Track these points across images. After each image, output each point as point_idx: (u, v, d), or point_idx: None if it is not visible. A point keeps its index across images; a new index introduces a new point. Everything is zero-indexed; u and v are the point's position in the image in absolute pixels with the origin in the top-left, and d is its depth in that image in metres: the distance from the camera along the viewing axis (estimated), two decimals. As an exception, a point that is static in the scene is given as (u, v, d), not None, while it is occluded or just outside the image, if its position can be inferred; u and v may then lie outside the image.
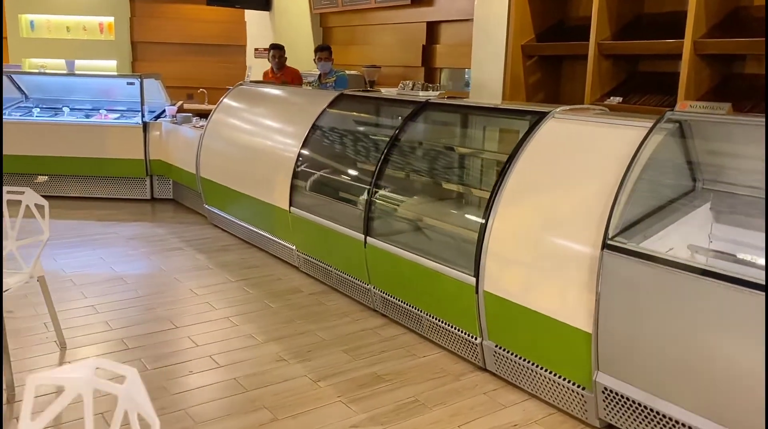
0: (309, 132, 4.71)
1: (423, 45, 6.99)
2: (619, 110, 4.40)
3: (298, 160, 4.68)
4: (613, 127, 2.89)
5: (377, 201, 3.92)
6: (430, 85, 4.28)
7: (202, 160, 5.89)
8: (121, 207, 6.56)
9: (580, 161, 2.90)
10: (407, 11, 7.11)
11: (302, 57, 8.01)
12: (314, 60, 6.42)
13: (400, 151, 4.00)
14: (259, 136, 5.27)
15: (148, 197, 6.88)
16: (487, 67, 5.39)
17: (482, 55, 5.44)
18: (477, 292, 3.13)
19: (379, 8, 7.42)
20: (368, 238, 3.87)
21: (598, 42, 4.65)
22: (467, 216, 3.60)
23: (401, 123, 4.01)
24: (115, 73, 8.20)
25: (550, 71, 5.40)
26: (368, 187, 3.93)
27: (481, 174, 3.84)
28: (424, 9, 6.92)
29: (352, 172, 4.37)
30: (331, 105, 4.77)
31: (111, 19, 9.11)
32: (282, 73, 6.83)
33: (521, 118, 3.43)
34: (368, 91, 4.76)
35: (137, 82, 6.71)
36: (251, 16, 9.01)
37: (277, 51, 6.81)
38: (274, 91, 5.70)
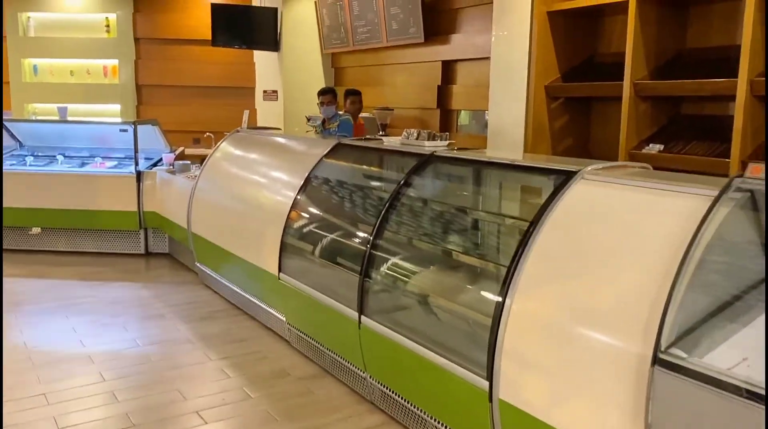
0: (302, 186, 4.15)
1: (438, 86, 6.44)
2: (663, 163, 3.76)
3: (289, 217, 4.10)
4: (663, 194, 2.25)
5: (374, 270, 3.31)
6: (438, 134, 3.69)
7: (194, 214, 5.37)
8: (112, 263, 6.05)
9: (618, 238, 2.26)
10: (421, 50, 6.59)
11: (313, 101, 7.53)
12: (318, 104, 5.91)
13: (402, 211, 3.40)
14: (250, 189, 4.73)
15: (142, 252, 6.37)
16: (507, 111, 4.79)
17: (501, 97, 4.86)
18: (491, 399, 2.48)
19: (392, 47, 6.92)
20: (363, 316, 3.24)
21: (634, 82, 4.03)
22: (479, 297, 2.96)
23: (404, 178, 3.42)
24: (109, 119, 7.82)
25: (578, 115, 4.79)
26: (364, 252, 3.32)
27: (496, 244, 3.21)
28: (439, 47, 6.39)
29: (347, 233, 3.78)
30: (328, 155, 4.22)
31: (115, 62, 8.79)
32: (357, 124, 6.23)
33: (544, 176, 2.81)
34: (368, 139, 4.20)
35: (130, 128, 6.26)
36: (260, 57, 8.61)
37: (357, 97, 6.23)
38: (270, 138, 5.18)
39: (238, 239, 4.68)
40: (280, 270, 4.04)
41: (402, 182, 3.36)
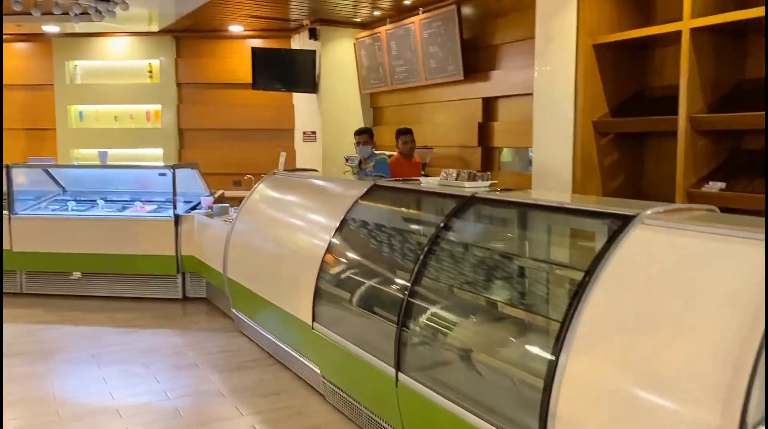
0: (337, 229, 3.97)
1: (479, 123, 6.26)
2: (726, 203, 3.45)
3: (323, 262, 3.92)
4: (737, 241, 1.98)
5: (412, 321, 3.08)
6: (479, 174, 3.47)
7: (229, 258, 5.24)
8: (149, 309, 5.95)
9: (687, 291, 1.99)
10: (461, 87, 6.44)
11: (351, 141, 7.43)
12: (354, 144, 5.78)
13: (442, 257, 3.17)
14: (284, 233, 4.58)
15: (180, 297, 6.26)
16: (552, 148, 4.56)
17: (545, 134, 4.63)
18: (544, 474, 2.19)
19: (432, 85, 6.80)
20: (400, 373, 3.00)
21: (690, 116, 3.76)
22: (528, 354, 2.70)
23: (443, 221, 3.20)
24: (148, 163, 7.86)
25: (629, 151, 4.52)
26: (401, 301, 3.10)
27: (545, 294, 2.95)
28: (479, 84, 6.23)
29: (384, 280, 3.56)
30: (364, 197, 4.04)
31: (158, 106, 8.91)
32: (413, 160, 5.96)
33: (597, 220, 2.56)
34: (405, 180, 4.01)
35: (169, 173, 6.22)
36: (299, 99, 8.60)
37: (408, 136, 5.88)
38: (306, 180, 5.05)
39: (272, 285, 4.51)
40: (313, 319, 3.84)
41: (441, 226, 3.14)
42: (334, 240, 3.94)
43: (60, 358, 4.65)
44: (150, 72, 8.87)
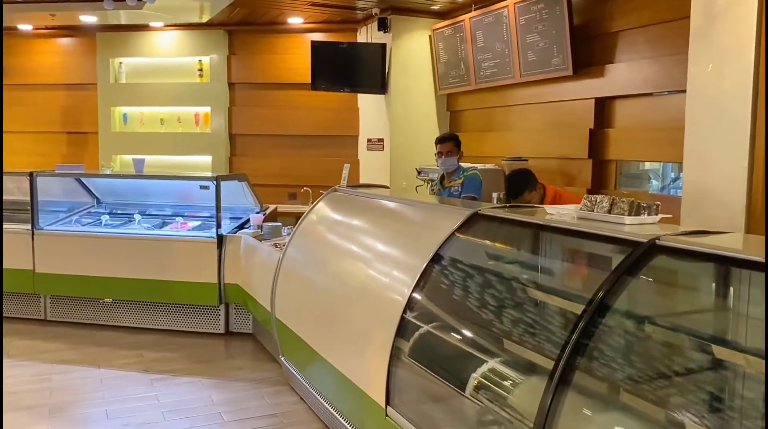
0: (424, 272, 2.86)
1: (590, 129, 5.05)
2: None
3: (404, 317, 2.82)
4: None
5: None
6: (644, 205, 2.32)
7: (279, 295, 4.21)
8: (185, 346, 5.00)
9: None
10: (567, 85, 5.25)
11: (424, 150, 6.36)
12: (435, 155, 4.65)
13: (609, 339, 2.02)
14: (350, 270, 3.51)
15: (222, 331, 5.29)
16: (715, 165, 3.34)
17: (702, 146, 3.42)
18: None
19: (526, 83, 5.62)
20: None
21: None
22: None
23: (609, 279, 2.03)
24: (189, 173, 6.95)
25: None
26: (546, 399, 1.96)
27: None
28: (590, 81, 5.03)
29: (509, 359, 2.42)
30: (461, 229, 2.92)
31: (207, 109, 8.01)
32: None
33: None
34: (522, 208, 2.88)
35: (212, 185, 5.26)
36: (365, 101, 7.56)
37: (530, 193, 4.24)
38: (377, 201, 3.97)
39: (330, 338, 3.45)
40: (387, 401, 2.73)
41: (606, 287, 1.99)
42: (420, 287, 2.84)
43: (66, 417, 3.71)
44: (200, 70, 8.00)
